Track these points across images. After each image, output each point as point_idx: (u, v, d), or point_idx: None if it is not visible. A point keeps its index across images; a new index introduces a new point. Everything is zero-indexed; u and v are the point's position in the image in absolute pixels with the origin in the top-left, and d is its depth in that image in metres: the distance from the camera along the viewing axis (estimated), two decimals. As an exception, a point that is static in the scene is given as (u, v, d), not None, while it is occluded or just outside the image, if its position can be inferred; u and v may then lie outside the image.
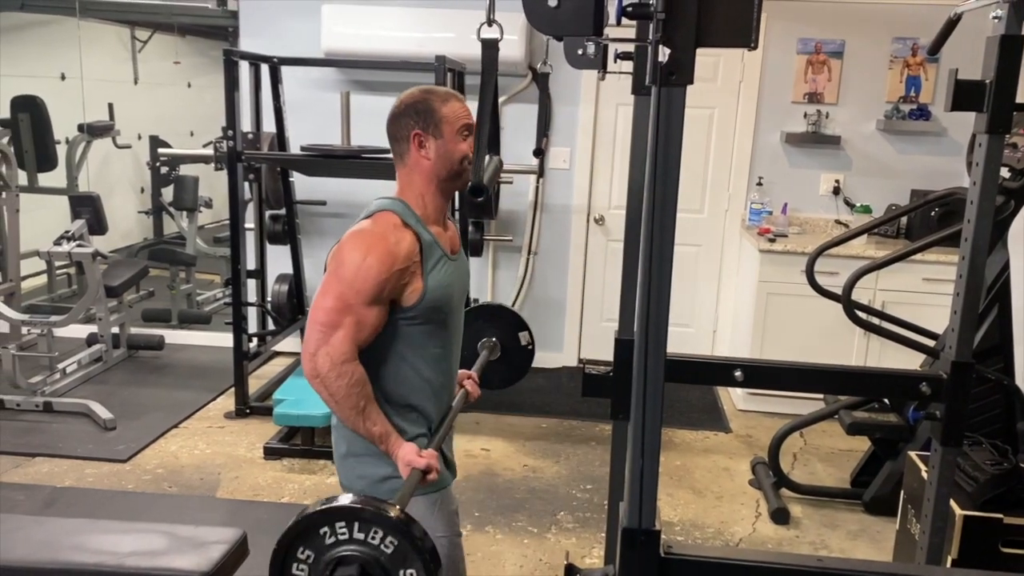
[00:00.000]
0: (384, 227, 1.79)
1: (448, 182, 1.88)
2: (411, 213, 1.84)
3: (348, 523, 1.39)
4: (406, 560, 1.38)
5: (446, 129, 1.83)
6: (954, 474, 2.16)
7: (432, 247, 1.85)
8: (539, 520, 3.48)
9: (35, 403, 4.29)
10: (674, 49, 1.06)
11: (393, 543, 1.38)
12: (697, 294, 5.22)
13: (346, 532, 1.39)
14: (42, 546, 1.97)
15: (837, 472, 4.00)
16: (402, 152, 1.87)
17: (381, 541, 1.38)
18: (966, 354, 1.87)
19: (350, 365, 1.75)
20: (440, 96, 1.86)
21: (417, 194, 1.87)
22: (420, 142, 1.83)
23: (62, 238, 4.52)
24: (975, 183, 1.83)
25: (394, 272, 1.76)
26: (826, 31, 4.84)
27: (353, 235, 1.79)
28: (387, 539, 1.38)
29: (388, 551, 1.39)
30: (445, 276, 1.87)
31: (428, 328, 1.86)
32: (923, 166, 4.91)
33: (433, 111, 1.83)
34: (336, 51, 4.81)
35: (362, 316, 1.76)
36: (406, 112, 1.85)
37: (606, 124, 5.09)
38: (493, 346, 2.40)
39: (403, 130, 1.85)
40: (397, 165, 1.90)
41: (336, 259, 1.79)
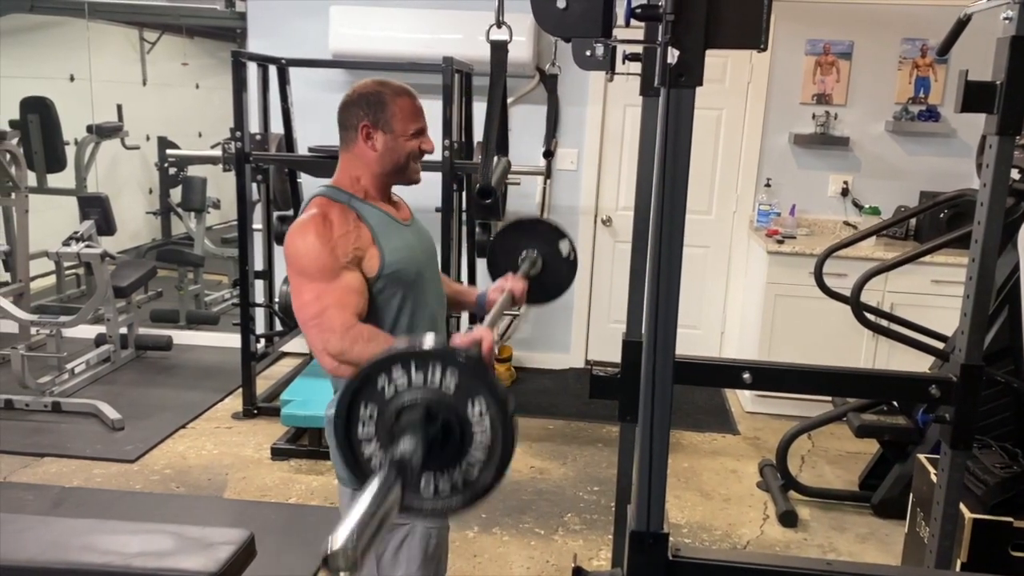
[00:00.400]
0: (314, 208, 1.85)
1: (389, 175, 1.92)
2: (341, 192, 1.89)
3: (404, 367, 1.27)
4: (472, 395, 1.26)
5: (396, 125, 1.86)
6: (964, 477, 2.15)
7: (377, 216, 1.88)
8: (546, 521, 3.47)
9: (44, 403, 4.30)
10: (683, 51, 1.06)
11: (455, 379, 1.26)
12: (705, 296, 5.21)
13: (404, 379, 1.27)
14: (50, 546, 1.97)
15: (845, 475, 3.98)
16: (348, 139, 1.90)
17: (442, 380, 1.26)
18: (976, 357, 1.86)
19: (355, 328, 1.77)
20: (393, 90, 1.89)
21: (352, 177, 1.91)
22: (368, 133, 1.87)
23: (71, 239, 4.54)
24: (985, 185, 1.81)
25: (337, 237, 1.79)
26: (835, 32, 4.82)
27: (291, 229, 1.84)
28: (447, 375, 1.26)
29: (451, 389, 1.27)
30: (401, 239, 1.91)
31: (403, 296, 1.89)
32: (932, 167, 4.89)
33: (385, 105, 1.86)
34: (344, 52, 4.81)
35: (338, 288, 1.78)
36: (357, 102, 1.88)
37: (614, 125, 5.08)
38: (535, 259, 2.27)
39: (352, 119, 1.88)
40: (341, 151, 1.93)
41: (287, 257, 1.83)
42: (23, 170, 5.09)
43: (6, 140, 5.07)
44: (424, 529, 1.94)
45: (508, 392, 1.30)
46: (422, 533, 1.94)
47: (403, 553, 1.93)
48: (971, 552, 2.58)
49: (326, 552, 1.02)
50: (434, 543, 1.97)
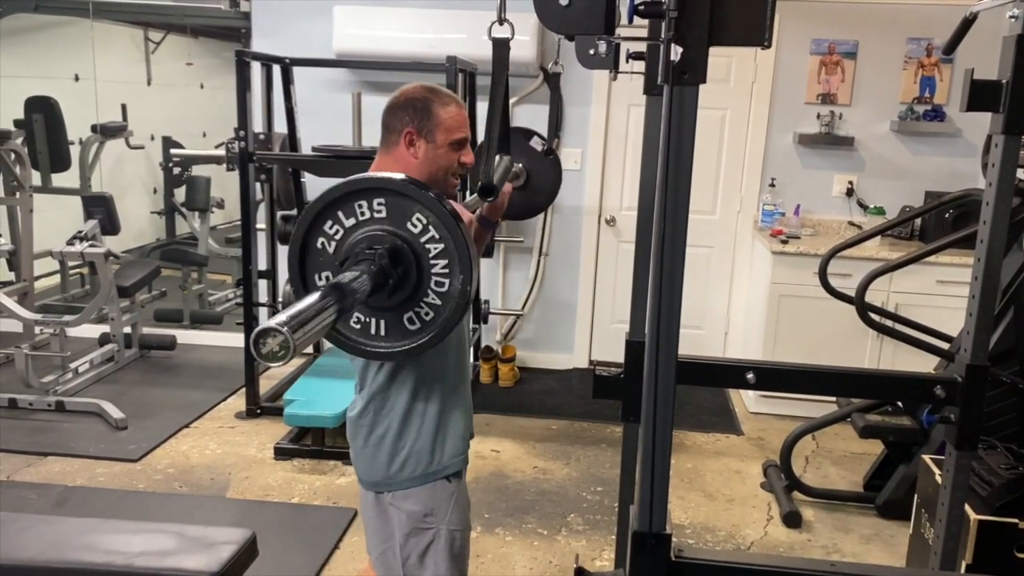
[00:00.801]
0: None
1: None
2: None
3: (332, 218, 1.35)
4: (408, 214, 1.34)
5: (440, 136, 1.82)
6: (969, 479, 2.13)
7: None
8: (549, 522, 3.46)
9: (47, 402, 4.31)
10: (686, 48, 1.05)
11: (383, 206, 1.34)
12: (709, 296, 5.20)
13: (336, 227, 1.35)
14: (52, 545, 1.97)
15: (850, 475, 3.97)
16: (390, 142, 1.86)
17: (372, 212, 1.35)
18: (982, 357, 1.85)
19: None
20: (442, 99, 1.85)
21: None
22: (410, 140, 1.83)
23: (75, 238, 4.54)
24: (991, 184, 1.80)
25: None
26: (839, 31, 4.81)
27: None
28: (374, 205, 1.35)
29: (416, 231, 1.33)
30: None
31: None
32: (937, 167, 4.88)
33: (431, 113, 1.82)
34: (348, 52, 4.81)
35: None
36: (404, 106, 1.84)
37: (618, 125, 5.07)
38: (508, 166, 2.18)
39: (397, 123, 1.84)
40: (380, 150, 1.89)
41: None
42: (27, 169, 5.09)
43: (11, 139, 5.08)
44: (448, 532, 1.94)
45: (439, 196, 1.34)
46: (447, 536, 1.94)
47: (430, 557, 1.93)
48: (976, 553, 2.57)
49: (259, 329, 1.08)
50: (459, 544, 1.97)
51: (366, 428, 1.91)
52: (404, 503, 1.90)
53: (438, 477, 1.91)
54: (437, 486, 1.91)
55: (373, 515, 1.98)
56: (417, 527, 1.91)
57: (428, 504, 1.90)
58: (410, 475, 1.88)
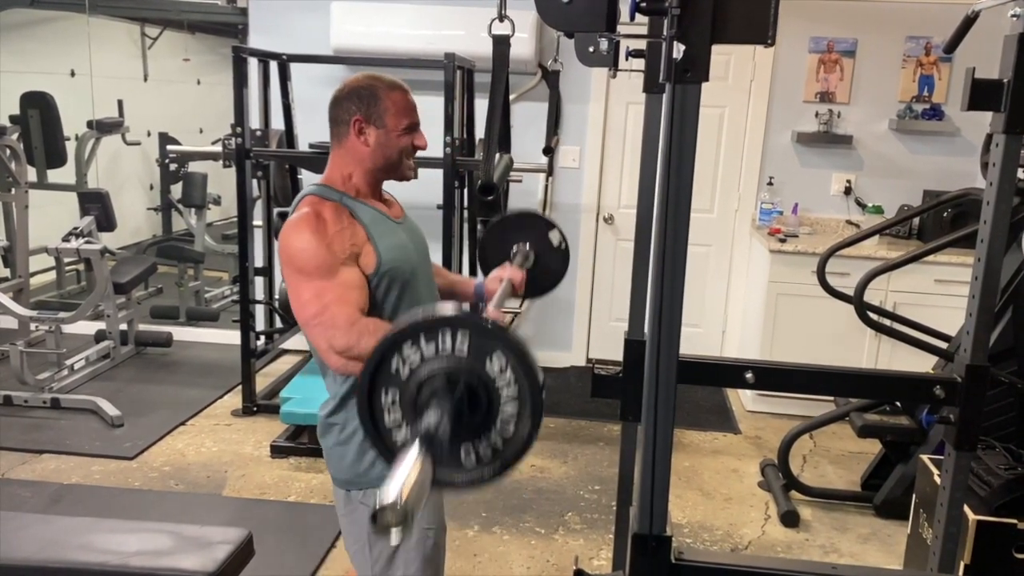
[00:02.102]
0: (304, 208, 1.81)
1: (381, 171, 1.89)
2: (332, 191, 1.86)
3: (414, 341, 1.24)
4: (488, 352, 1.24)
5: (389, 120, 1.83)
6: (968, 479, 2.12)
7: (370, 214, 1.85)
8: (547, 521, 3.46)
9: (43, 399, 4.29)
10: (689, 45, 1.04)
11: (466, 341, 1.23)
12: (706, 294, 5.19)
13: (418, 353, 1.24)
14: (47, 545, 1.96)
15: (847, 475, 3.97)
16: (340, 135, 1.87)
17: (454, 345, 1.23)
18: (981, 357, 1.84)
19: (359, 323, 1.74)
20: (386, 84, 1.86)
21: (344, 174, 1.88)
22: (360, 128, 1.83)
23: (70, 234, 4.52)
24: (991, 184, 1.79)
25: (333, 234, 1.76)
26: (838, 30, 4.80)
27: (284, 228, 1.81)
28: (458, 339, 1.23)
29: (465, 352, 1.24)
30: (395, 237, 1.88)
31: (397, 293, 1.86)
32: (936, 166, 4.87)
33: (377, 99, 1.83)
34: (345, 48, 4.80)
35: (338, 285, 1.75)
36: (349, 96, 1.84)
37: (616, 123, 5.06)
38: (527, 253, 2.24)
39: (344, 114, 1.84)
40: (332, 147, 1.90)
41: (282, 257, 1.80)
42: (23, 165, 5.07)
43: (6, 135, 5.06)
44: (421, 531, 1.92)
45: (524, 340, 1.26)
46: (419, 535, 1.92)
47: (400, 557, 1.91)
48: (975, 554, 2.56)
49: (374, 508, 1.03)
50: (431, 544, 1.95)
51: (335, 427, 1.91)
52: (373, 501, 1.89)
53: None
54: None
55: (344, 513, 1.96)
56: None
57: None
58: (379, 474, 1.85)
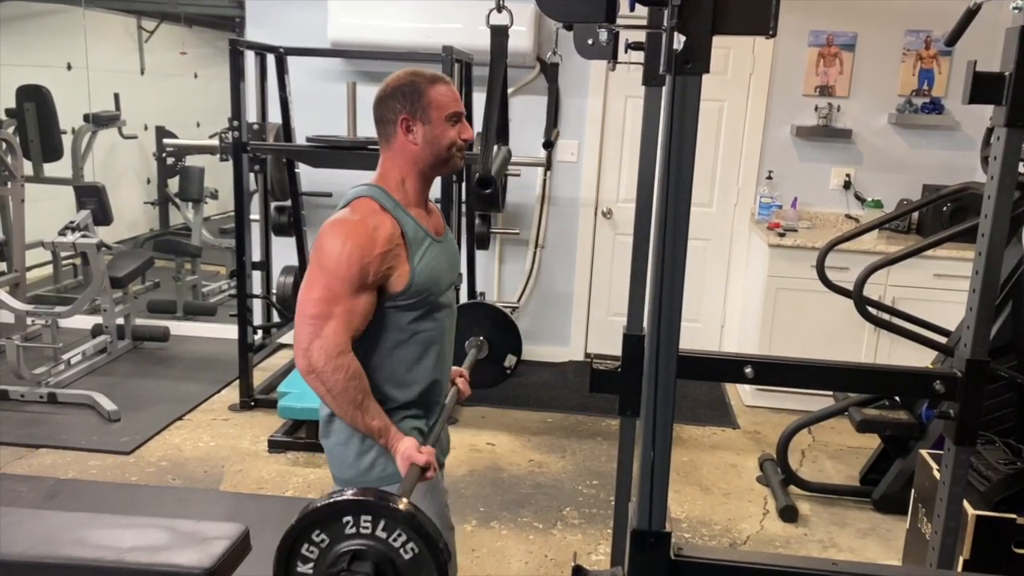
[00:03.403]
0: (362, 213, 1.77)
1: (433, 168, 1.86)
2: (389, 198, 1.82)
3: (355, 517, 1.37)
4: (416, 552, 1.38)
5: (434, 114, 1.80)
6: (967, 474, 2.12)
7: (414, 230, 1.82)
8: (545, 516, 3.45)
9: (39, 394, 4.28)
10: (690, 36, 1.02)
11: (402, 537, 1.38)
12: (705, 289, 5.18)
13: (354, 527, 1.38)
14: (42, 540, 1.95)
15: (846, 469, 3.96)
16: (388, 135, 1.84)
17: (389, 534, 1.37)
18: (982, 352, 1.83)
19: (346, 357, 1.73)
20: (427, 79, 1.83)
21: (398, 178, 1.84)
22: (408, 126, 1.80)
23: (67, 228, 4.50)
24: (992, 178, 1.78)
25: (376, 256, 1.73)
26: (838, 23, 4.78)
27: (332, 224, 1.76)
28: (395, 532, 1.38)
29: (396, 544, 1.38)
30: (432, 258, 1.85)
31: (418, 313, 1.84)
32: (935, 160, 4.86)
33: (421, 94, 1.80)
34: (342, 41, 4.77)
35: (351, 304, 1.73)
36: (393, 95, 1.82)
37: (615, 116, 5.04)
38: (481, 345, 2.43)
39: (390, 113, 1.81)
40: (382, 148, 1.87)
41: (317, 250, 1.76)
42: (19, 159, 5.04)
43: (2, 129, 5.04)
44: None
45: (429, 521, 1.40)
46: None
47: None
48: (974, 549, 2.56)
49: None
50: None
51: (335, 426, 1.89)
52: None
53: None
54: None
55: None
56: None
57: None
58: (380, 475, 1.85)
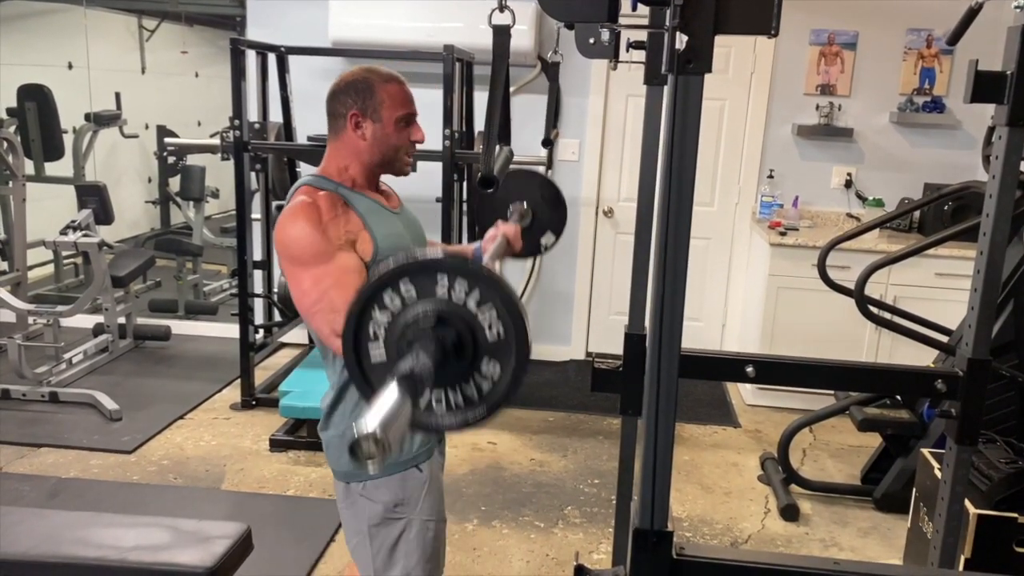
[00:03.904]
0: (298, 197, 1.81)
1: (378, 166, 1.89)
2: (326, 180, 1.85)
3: (451, 280, 1.24)
4: (483, 301, 1.25)
5: (385, 114, 1.82)
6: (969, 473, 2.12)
7: (364, 202, 1.85)
8: (546, 515, 3.45)
9: (41, 393, 4.28)
10: (692, 36, 1.02)
11: (464, 289, 1.24)
12: (706, 288, 5.18)
13: (445, 290, 1.24)
14: (44, 539, 1.95)
15: (847, 468, 3.96)
16: (337, 129, 1.86)
17: (450, 289, 1.24)
18: (983, 351, 1.83)
19: None
20: (382, 77, 1.84)
21: (339, 166, 1.87)
22: (356, 122, 1.82)
23: (68, 228, 4.51)
24: (994, 177, 1.78)
25: (327, 220, 1.76)
26: (839, 22, 4.78)
27: (279, 220, 1.80)
28: (455, 285, 1.24)
29: (460, 300, 1.24)
30: (391, 226, 1.88)
31: None
32: (937, 159, 4.86)
33: (373, 92, 1.82)
34: (344, 41, 4.77)
35: (337, 270, 1.74)
36: (346, 90, 1.83)
37: (616, 116, 5.04)
38: (524, 211, 2.29)
39: (341, 107, 1.83)
40: (329, 141, 1.89)
41: (279, 248, 1.79)
42: (20, 158, 5.05)
43: (3, 128, 5.04)
44: (421, 522, 1.92)
45: (510, 285, 1.26)
46: (419, 527, 1.92)
47: (400, 548, 1.91)
48: (975, 548, 2.56)
49: (352, 440, 1.01)
50: (431, 536, 1.95)
51: (335, 418, 1.90)
52: (374, 493, 1.88)
53: (408, 467, 1.89)
54: (408, 476, 1.89)
55: (345, 506, 1.96)
56: (387, 518, 1.89)
57: (398, 494, 1.88)
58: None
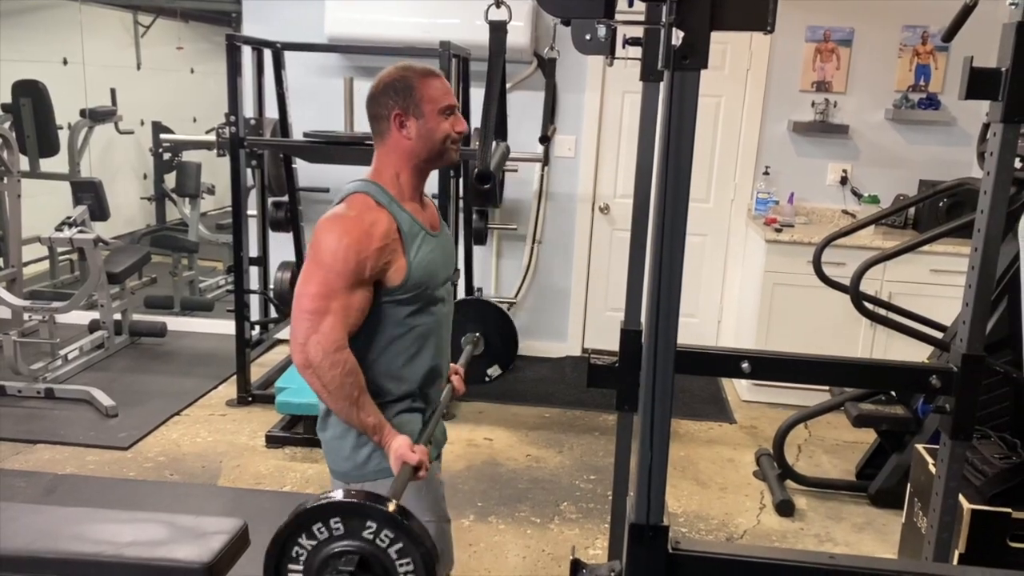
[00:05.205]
0: (358, 209, 1.78)
1: (428, 162, 1.88)
2: (384, 193, 1.83)
3: (344, 519, 1.38)
4: (404, 552, 1.39)
5: (427, 108, 1.81)
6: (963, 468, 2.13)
7: (410, 224, 1.84)
8: (542, 510, 3.46)
9: (36, 390, 4.28)
10: (688, 32, 1.03)
11: (389, 537, 1.39)
12: (702, 284, 5.19)
13: (341, 528, 1.39)
14: (41, 535, 1.95)
15: (842, 464, 3.98)
16: (382, 131, 1.85)
17: (376, 535, 1.39)
18: (978, 347, 1.84)
19: (342, 353, 1.74)
20: (419, 73, 1.84)
21: (392, 174, 1.86)
22: (401, 122, 1.82)
23: (63, 224, 4.50)
24: (989, 173, 1.79)
25: (373, 251, 1.74)
26: (835, 19, 4.79)
27: (328, 220, 1.77)
28: (383, 533, 1.39)
29: (384, 545, 1.39)
30: (428, 253, 1.86)
31: (415, 307, 1.85)
32: (932, 156, 4.87)
33: (413, 89, 1.81)
34: (339, 37, 4.77)
35: (348, 300, 1.74)
36: (385, 91, 1.83)
37: (612, 112, 5.04)
38: (476, 341, 2.46)
39: (383, 109, 1.83)
40: (376, 144, 1.88)
41: (314, 245, 1.77)
42: (15, 154, 5.03)
43: (-2, 124, 5.02)
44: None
45: (438, 559, 1.41)
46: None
47: None
48: (969, 542, 2.57)
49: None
50: (432, 535, 1.94)
51: (333, 419, 1.90)
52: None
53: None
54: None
55: None
56: None
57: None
58: (376, 468, 1.86)
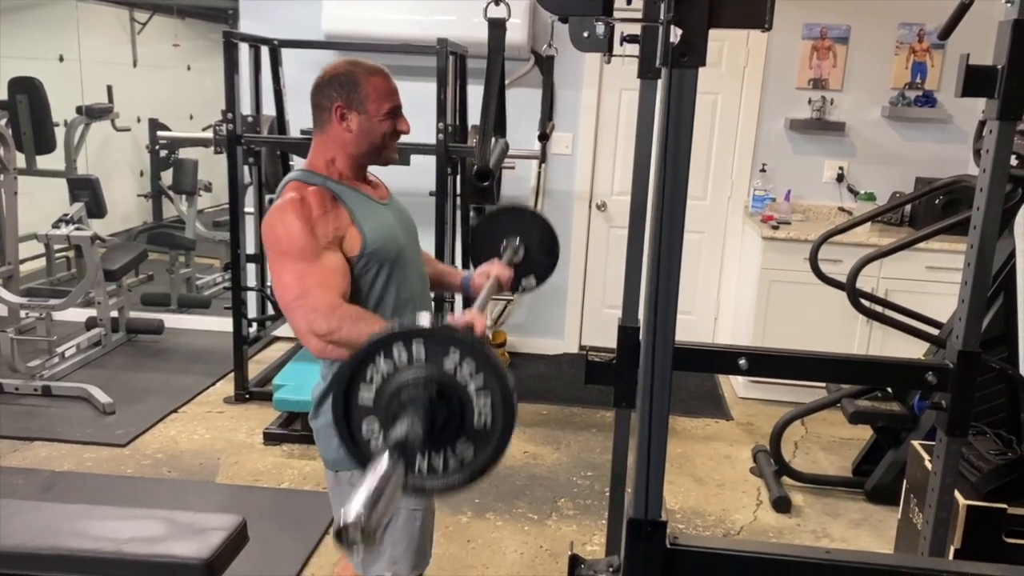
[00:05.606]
0: (288, 193, 1.83)
1: (364, 156, 1.91)
2: (314, 175, 1.87)
3: (405, 346, 1.25)
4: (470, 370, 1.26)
5: (370, 106, 1.85)
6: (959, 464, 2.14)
7: (344, 190, 1.87)
8: (540, 507, 3.47)
9: (34, 387, 4.27)
10: (686, 29, 1.03)
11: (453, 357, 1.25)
12: (699, 281, 5.20)
13: (404, 358, 1.25)
14: (40, 531, 1.95)
15: (839, 460, 3.99)
16: (322, 122, 1.89)
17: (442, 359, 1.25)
18: (973, 343, 1.85)
19: (340, 309, 1.75)
20: (367, 70, 1.88)
21: (327, 159, 1.90)
22: (342, 114, 1.85)
23: (60, 221, 4.49)
24: (985, 171, 1.79)
25: (317, 217, 1.78)
26: (832, 16, 4.79)
27: (268, 214, 1.83)
28: (447, 354, 1.25)
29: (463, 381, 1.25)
30: (380, 218, 1.89)
31: (385, 275, 1.87)
32: (928, 153, 4.88)
33: (358, 86, 1.85)
34: (337, 34, 4.76)
35: (321, 269, 1.76)
36: (330, 83, 1.87)
37: (609, 109, 5.05)
38: (516, 248, 2.33)
39: (326, 100, 1.87)
40: (315, 133, 1.92)
41: (266, 241, 1.81)
42: (12, 151, 5.03)
43: (-6, 121, 5.01)
44: (408, 512, 1.93)
45: (508, 370, 1.28)
46: (406, 516, 1.93)
47: (387, 537, 1.92)
48: (965, 538, 2.58)
49: (338, 526, 1.01)
50: (419, 525, 1.96)
51: (325, 406, 1.93)
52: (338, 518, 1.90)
53: None
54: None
55: (334, 494, 2.00)
56: None
57: None
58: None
